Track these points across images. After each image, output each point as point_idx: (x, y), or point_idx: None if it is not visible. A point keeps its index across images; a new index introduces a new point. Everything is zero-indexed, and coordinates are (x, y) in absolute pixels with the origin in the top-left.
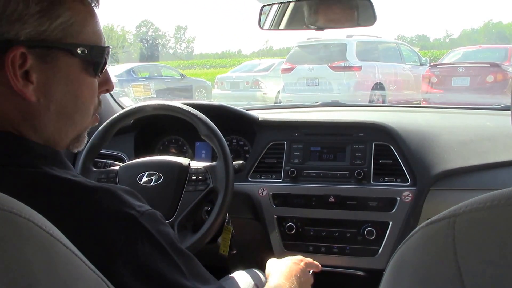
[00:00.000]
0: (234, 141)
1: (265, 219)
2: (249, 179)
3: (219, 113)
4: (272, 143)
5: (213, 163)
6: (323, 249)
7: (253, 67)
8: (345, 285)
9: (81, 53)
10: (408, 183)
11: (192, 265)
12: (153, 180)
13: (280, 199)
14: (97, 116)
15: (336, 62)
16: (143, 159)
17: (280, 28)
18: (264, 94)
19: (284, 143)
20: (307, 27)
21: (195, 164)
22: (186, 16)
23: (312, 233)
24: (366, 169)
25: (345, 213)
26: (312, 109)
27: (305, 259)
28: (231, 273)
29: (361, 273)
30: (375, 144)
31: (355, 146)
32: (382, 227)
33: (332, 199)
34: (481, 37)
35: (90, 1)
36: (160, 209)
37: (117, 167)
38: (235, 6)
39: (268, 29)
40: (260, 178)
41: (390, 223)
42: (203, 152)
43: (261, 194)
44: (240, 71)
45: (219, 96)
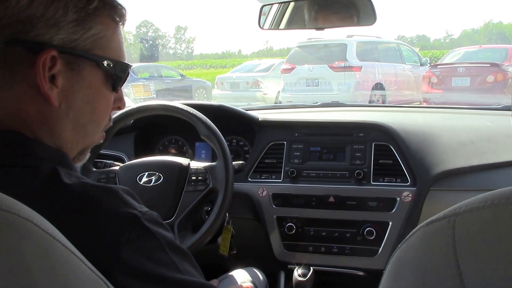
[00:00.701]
0: (234, 141)
1: (265, 219)
2: (249, 179)
3: (219, 113)
4: (272, 143)
5: (213, 163)
6: (323, 249)
7: (253, 68)
8: (345, 285)
9: (107, 66)
10: (408, 183)
11: (186, 263)
12: (153, 180)
13: (280, 199)
14: (104, 133)
15: (336, 62)
16: (143, 159)
17: (280, 28)
18: (264, 94)
19: (284, 143)
20: (307, 26)
21: (195, 164)
22: (186, 17)
23: (312, 233)
24: (366, 169)
25: (345, 213)
26: (312, 109)
27: None
28: (230, 272)
29: (361, 273)
30: (375, 144)
31: (355, 146)
32: (382, 227)
33: (332, 199)
34: (481, 37)
35: (118, 19)
36: (160, 209)
37: (117, 167)
38: (235, 6)
39: (268, 29)
40: (260, 178)
41: (390, 223)
42: (203, 152)
43: (261, 194)
44: (240, 72)
45: (219, 97)
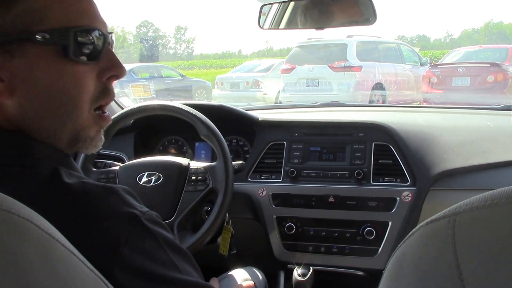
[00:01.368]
0: (234, 141)
1: (265, 219)
2: (249, 179)
3: (219, 113)
4: (272, 143)
5: (213, 163)
6: (322, 249)
7: (253, 68)
8: (345, 285)
9: (42, 39)
10: (408, 183)
11: (186, 263)
12: (153, 180)
13: (280, 199)
14: (105, 115)
15: (336, 62)
16: (143, 159)
17: (280, 27)
18: (264, 94)
19: (283, 143)
20: (307, 26)
21: (195, 164)
22: (186, 17)
23: (312, 233)
24: (366, 169)
25: (345, 213)
26: (312, 109)
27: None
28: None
29: (360, 273)
30: (375, 144)
31: (355, 146)
32: (381, 227)
33: (331, 199)
34: (481, 37)
35: None
36: (159, 209)
37: (116, 167)
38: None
39: (268, 28)
40: (260, 178)
41: (390, 223)
42: (203, 152)
43: (260, 194)
44: (240, 72)
45: (219, 97)
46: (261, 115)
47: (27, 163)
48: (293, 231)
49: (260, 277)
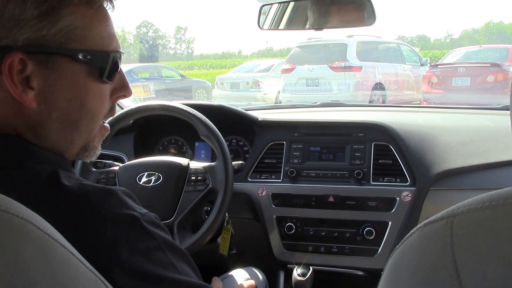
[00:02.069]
0: (234, 141)
1: (265, 219)
2: (249, 179)
3: (219, 113)
4: (271, 143)
5: (213, 163)
6: (322, 249)
7: (253, 68)
8: (344, 285)
9: (83, 59)
10: (408, 183)
11: (185, 264)
12: (153, 180)
13: (280, 199)
14: (106, 125)
15: (336, 63)
16: (143, 159)
17: (279, 28)
18: (264, 94)
19: (283, 143)
20: (306, 27)
21: (195, 164)
22: (186, 17)
23: (312, 233)
24: (366, 169)
25: (345, 213)
26: (312, 109)
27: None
28: (230, 272)
29: (360, 273)
30: (374, 144)
31: (354, 146)
32: (381, 227)
33: (331, 199)
34: (481, 37)
35: (99, 4)
36: (159, 209)
37: (116, 168)
38: (235, 7)
39: (268, 29)
40: (260, 178)
41: (390, 223)
42: (203, 152)
43: (260, 194)
44: (240, 72)
45: (219, 97)
46: (261, 115)
47: (26, 165)
48: (293, 231)
49: (261, 277)
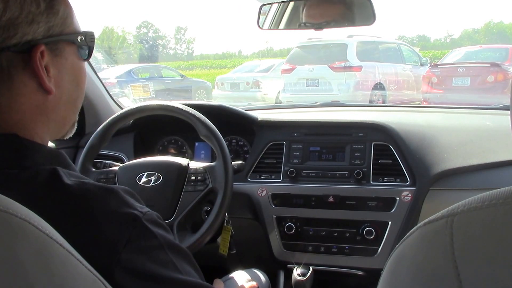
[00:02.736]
0: (234, 141)
1: (265, 219)
2: (249, 179)
3: (219, 113)
4: (271, 143)
5: (212, 163)
6: (322, 249)
7: (254, 68)
8: (344, 285)
9: (80, 41)
10: (408, 183)
11: (186, 264)
12: (152, 181)
13: (280, 199)
14: None
15: (336, 63)
16: (142, 159)
17: (279, 28)
18: (264, 94)
19: (283, 143)
20: (306, 26)
21: (194, 165)
22: (186, 17)
23: (311, 233)
24: (366, 169)
25: (344, 213)
26: (312, 109)
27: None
28: (230, 273)
29: (360, 273)
30: (374, 144)
31: (354, 146)
32: (381, 227)
33: (331, 199)
34: (482, 37)
35: None
36: (159, 209)
37: (116, 168)
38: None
39: (268, 29)
40: (260, 178)
41: (389, 223)
42: (203, 152)
43: (260, 194)
44: (240, 72)
45: (219, 97)
46: (260, 115)
47: (25, 164)
48: (292, 231)
49: (263, 279)
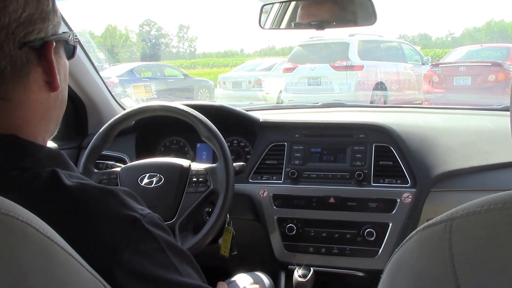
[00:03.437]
0: (235, 142)
1: (266, 220)
2: (250, 180)
3: (220, 114)
4: (272, 144)
5: (214, 164)
6: (323, 250)
7: (256, 67)
8: (345, 286)
9: (71, 39)
10: (408, 185)
11: (187, 266)
12: (154, 182)
13: (281, 200)
14: None
15: (338, 62)
16: (144, 160)
17: (281, 27)
18: (266, 93)
19: (284, 144)
20: (307, 26)
21: (196, 166)
22: (189, 15)
23: (313, 234)
24: (366, 171)
25: (345, 214)
26: (313, 109)
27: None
28: (232, 274)
29: (361, 274)
30: (375, 146)
31: (355, 148)
32: (382, 228)
33: (332, 200)
34: (483, 35)
35: None
36: (161, 210)
37: (118, 169)
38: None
39: (269, 28)
40: (261, 179)
41: (390, 224)
42: (204, 153)
43: (261, 195)
44: (242, 71)
45: (221, 96)
46: (262, 116)
47: (25, 165)
48: (293, 232)
49: (267, 282)
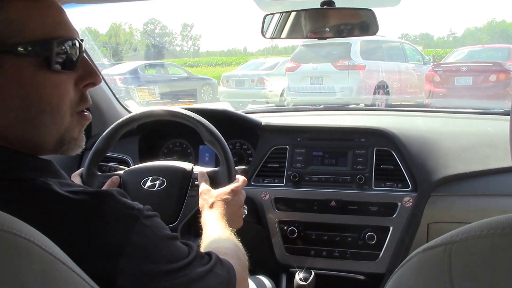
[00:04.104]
0: (238, 145)
1: (267, 222)
2: (252, 183)
3: (223, 118)
4: (274, 147)
5: (216, 168)
6: (324, 253)
7: (259, 65)
8: None
9: (24, 51)
10: (409, 189)
11: (180, 247)
12: (157, 185)
13: (282, 203)
14: (85, 114)
15: (340, 61)
16: (147, 163)
17: (281, 37)
18: (269, 92)
19: (286, 148)
20: (308, 36)
21: (198, 169)
22: (193, 14)
23: (314, 237)
24: (368, 174)
25: (346, 217)
26: (315, 112)
27: (233, 186)
28: None
29: (361, 277)
30: (376, 150)
31: (356, 151)
32: (382, 232)
33: (333, 203)
34: (484, 35)
35: None
36: (163, 213)
37: (121, 172)
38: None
39: (271, 37)
40: (263, 182)
41: (391, 228)
42: (207, 155)
43: (263, 198)
44: (245, 69)
45: (224, 94)
46: (264, 119)
47: (15, 176)
48: (295, 235)
49: (268, 285)
